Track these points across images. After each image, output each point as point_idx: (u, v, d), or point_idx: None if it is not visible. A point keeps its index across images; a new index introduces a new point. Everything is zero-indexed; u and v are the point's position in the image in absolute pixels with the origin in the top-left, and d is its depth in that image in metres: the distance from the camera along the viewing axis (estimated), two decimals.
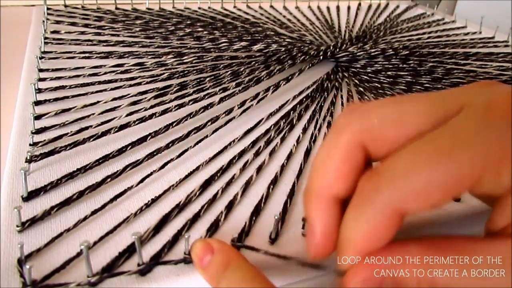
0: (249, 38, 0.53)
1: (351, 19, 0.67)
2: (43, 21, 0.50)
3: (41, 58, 0.43)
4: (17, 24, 0.54)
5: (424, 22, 0.68)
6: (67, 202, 0.26)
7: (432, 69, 0.49)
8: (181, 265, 0.23)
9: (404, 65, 0.49)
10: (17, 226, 0.24)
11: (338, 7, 0.71)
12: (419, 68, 0.49)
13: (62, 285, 0.21)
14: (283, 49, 0.49)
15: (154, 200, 0.27)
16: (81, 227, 0.25)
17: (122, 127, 0.33)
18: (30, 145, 0.30)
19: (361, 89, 0.44)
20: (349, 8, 0.71)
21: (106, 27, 0.52)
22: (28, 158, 0.28)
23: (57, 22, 0.52)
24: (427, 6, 0.77)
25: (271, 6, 0.68)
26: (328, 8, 0.70)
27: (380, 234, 0.18)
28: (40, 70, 0.40)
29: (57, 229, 0.24)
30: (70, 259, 0.22)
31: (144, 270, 0.22)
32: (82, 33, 0.50)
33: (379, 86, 0.45)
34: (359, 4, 0.73)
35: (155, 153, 0.31)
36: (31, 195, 0.26)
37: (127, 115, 0.34)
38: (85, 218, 0.25)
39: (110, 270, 0.22)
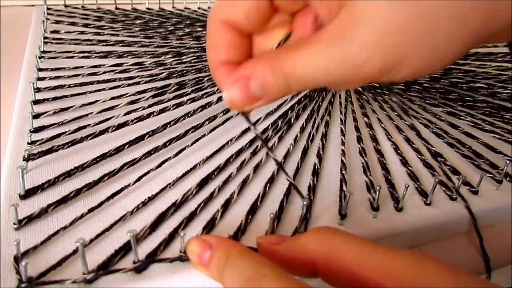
0: None
1: None
2: (43, 21, 0.50)
3: (40, 57, 0.43)
4: (17, 24, 0.55)
5: None
6: (64, 200, 0.26)
7: None
8: (176, 263, 0.23)
9: None
10: (14, 224, 0.24)
11: None
12: None
13: (58, 282, 0.21)
14: None
15: (151, 199, 0.27)
16: (77, 225, 0.25)
17: (120, 126, 0.33)
18: (28, 143, 0.30)
19: (359, 88, 0.45)
20: None
21: (105, 27, 0.52)
22: (26, 156, 0.29)
23: (57, 22, 0.52)
24: None
25: None
26: None
27: (222, 42, 0.21)
28: (40, 70, 0.40)
29: (53, 227, 0.24)
30: (66, 256, 0.22)
31: (140, 268, 0.22)
32: (82, 32, 0.50)
33: (377, 85, 0.45)
34: None
35: (152, 152, 0.31)
36: (29, 193, 0.26)
37: (125, 114, 0.34)
38: (82, 216, 0.25)
39: (106, 267, 0.22)
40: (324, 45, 0.19)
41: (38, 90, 0.37)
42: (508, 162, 0.31)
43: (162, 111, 0.36)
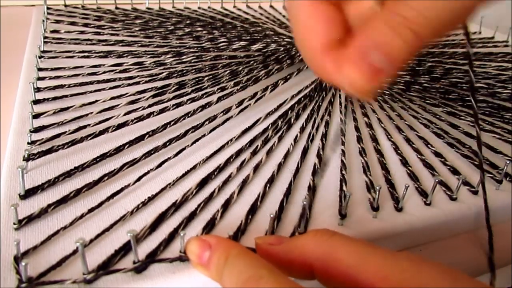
0: (248, 37, 0.53)
1: None
2: (43, 21, 0.50)
3: (40, 57, 0.43)
4: (17, 24, 0.55)
5: None
6: (64, 200, 0.26)
7: (430, 68, 0.49)
8: (176, 263, 0.23)
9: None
10: (14, 224, 0.24)
11: None
12: (418, 68, 0.49)
13: (57, 282, 0.21)
14: (282, 48, 0.49)
15: (151, 199, 0.27)
16: (77, 225, 0.25)
17: (120, 126, 0.33)
18: (28, 143, 0.30)
19: None
20: None
21: (105, 27, 0.52)
22: (26, 156, 0.29)
23: (57, 22, 0.52)
24: None
25: (271, 6, 0.68)
26: None
27: (324, 21, 0.18)
28: (40, 69, 0.40)
29: (53, 226, 0.24)
30: (66, 256, 0.22)
31: (140, 268, 0.22)
32: (82, 32, 0.50)
33: None
34: None
35: (152, 152, 0.31)
36: (29, 193, 0.26)
37: (125, 114, 0.34)
38: (82, 216, 0.25)
39: (106, 267, 0.22)
40: None
41: (38, 90, 0.37)
42: (508, 162, 0.31)
43: (162, 111, 0.36)
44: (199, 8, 0.64)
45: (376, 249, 0.20)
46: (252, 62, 0.46)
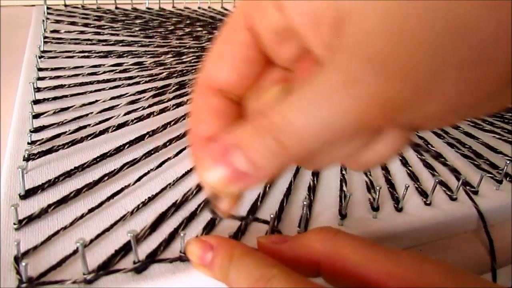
0: None
1: None
2: (43, 21, 0.50)
3: (40, 57, 0.43)
4: (17, 24, 0.55)
5: None
6: (64, 200, 0.26)
7: None
8: (177, 263, 0.23)
9: None
10: (14, 224, 0.24)
11: None
12: None
13: (58, 282, 0.21)
14: None
15: (151, 199, 0.27)
16: (78, 225, 0.25)
17: (120, 126, 0.33)
18: (28, 143, 0.30)
19: None
20: None
21: (105, 27, 0.52)
22: (26, 156, 0.29)
23: (57, 22, 0.52)
24: None
25: None
26: None
27: (208, 112, 0.18)
28: (40, 69, 0.40)
29: (54, 227, 0.24)
30: (66, 256, 0.22)
31: (140, 268, 0.22)
32: (82, 32, 0.50)
33: None
34: None
35: (152, 152, 0.31)
36: (29, 193, 0.26)
37: (125, 114, 0.34)
38: (82, 216, 0.25)
39: (106, 267, 0.22)
40: (324, 81, 0.14)
41: (38, 89, 0.37)
42: (508, 162, 0.31)
43: (162, 111, 0.36)
44: (199, 8, 0.64)
45: (379, 247, 0.20)
46: None
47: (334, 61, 0.14)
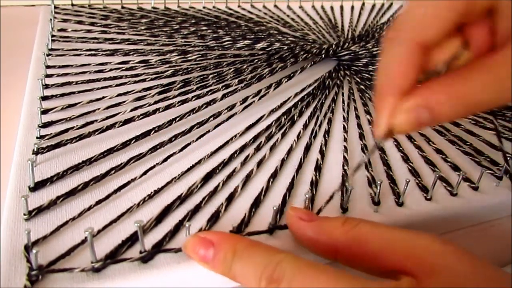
0: (252, 36, 0.53)
1: (355, 19, 0.67)
2: (50, 20, 0.51)
3: (48, 55, 0.43)
4: (20, 24, 0.56)
5: None
6: (72, 193, 0.27)
7: None
8: (182, 253, 0.23)
9: None
10: (24, 215, 0.25)
11: (341, 7, 0.71)
12: None
13: (67, 270, 0.22)
14: (285, 47, 0.50)
15: (157, 192, 0.28)
16: (85, 216, 0.25)
17: (127, 121, 0.34)
18: (37, 138, 0.31)
19: (362, 87, 0.45)
20: (352, 8, 0.72)
21: (112, 26, 0.53)
22: (35, 150, 0.29)
23: (64, 21, 0.53)
24: None
25: (275, 6, 0.69)
26: (332, 8, 0.71)
27: (411, 66, 0.20)
28: (47, 67, 0.41)
29: (62, 218, 0.25)
30: (75, 246, 0.23)
31: (146, 258, 0.23)
32: (89, 31, 0.51)
33: None
34: (363, 4, 0.74)
35: (158, 147, 0.31)
36: (38, 186, 0.27)
37: (132, 110, 0.35)
38: (90, 207, 0.26)
39: (114, 257, 0.23)
40: (502, 69, 0.19)
41: (46, 86, 0.38)
42: (508, 158, 0.32)
43: (167, 107, 0.36)
44: (204, 7, 0.65)
45: (401, 231, 0.21)
46: (256, 60, 0.47)
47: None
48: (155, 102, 0.37)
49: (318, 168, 0.31)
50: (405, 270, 0.20)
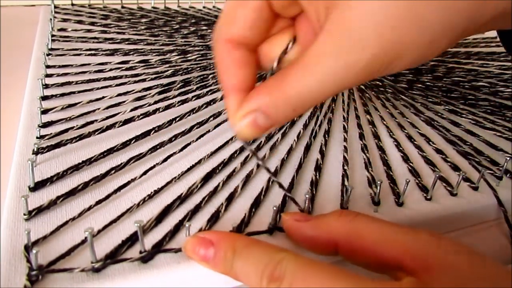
0: None
1: None
2: (50, 19, 0.51)
3: (48, 55, 0.43)
4: (22, 23, 0.56)
5: None
6: (72, 193, 0.27)
7: (433, 67, 0.49)
8: (181, 253, 0.23)
9: None
10: (24, 215, 0.25)
11: None
12: (421, 67, 0.49)
13: (66, 270, 0.22)
14: None
15: (157, 192, 0.28)
16: (85, 216, 0.25)
17: (127, 121, 0.34)
18: (37, 138, 0.31)
19: (362, 87, 0.45)
20: None
21: (112, 25, 0.53)
22: (35, 150, 0.29)
23: (64, 20, 0.53)
24: None
25: None
26: None
27: (232, 65, 0.21)
28: (47, 67, 0.41)
29: (62, 218, 0.25)
30: (75, 246, 0.23)
31: (146, 258, 0.23)
32: (89, 31, 0.51)
33: (380, 84, 0.46)
34: None
35: (158, 147, 0.31)
36: (38, 186, 0.27)
37: (132, 110, 0.35)
38: (90, 207, 0.26)
39: (113, 257, 0.23)
40: (325, 58, 0.18)
41: (46, 86, 0.38)
42: (508, 158, 0.32)
43: (167, 107, 0.36)
44: (204, 7, 0.65)
45: (399, 226, 0.21)
46: None
47: (325, 40, 0.18)
48: (155, 102, 0.37)
49: (318, 168, 0.31)
50: (403, 265, 0.20)
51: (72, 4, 0.59)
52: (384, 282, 0.19)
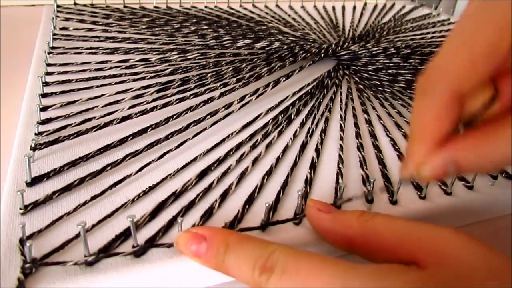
0: (252, 36, 0.54)
1: (356, 19, 0.68)
2: (53, 18, 0.51)
3: (49, 53, 0.44)
4: (22, 23, 0.56)
5: (429, 22, 0.68)
6: (68, 188, 0.27)
7: None
8: (174, 248, 0.24)
9: (405, 64, 0.49)
10: (20, 209, 0.25)
11: (343, 7, 0.71)
12: (420, 67, 0.49)
13: (60, 264, 0.22)
14: (285, 47, 0.50)
15: (152, 188, 0.28)
16: (80, 211, 0.26)
17: (124, 118, 0.34)
18: (35, 134, 0.31)
19: (361, 86, 0.45)
20: (354, 8, 0.72)
21: (113, 24, 0.53)
22: (32, 146, 0.30)
23: (66, 19, 0.54)
24: (433, 8, 0.77)
25: (277, 6, 0.69)
26: (333, 8, 0.71)
27: (445, 117, 0.21)
28: (48, 65, 0.41)
29: (58, 212, 0.25)
30: (68, 240, 0.23)
31: (139, 252, 0.23)
32: (90, 30, 0.51)
33: (379, 83, 0.46)
34: (365, 4, 0.74)
35: (154, 144, 0.32)
36: (35, 181, 0.27)
37: (130, 107, 0.35)
38: (85, 203, 0.26)
39: (107, 251, 0.23)
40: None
41: (46, 84, 0.38)
42: None
43: (165, 105, 0.37)
44: (205, 7, 0.65)
45: (416, 223, 0.22)
46: (255, 59, 0.47)
47: None
48: (153, 100, 0.37)
49: (313, 166, 0.32)
50: (416, 260, 0.20)
51: (75, 4, 0.60)
52: (377, 265, 0.19)
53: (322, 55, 0.49)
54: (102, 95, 0.37)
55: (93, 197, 0.27)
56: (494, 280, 0.18)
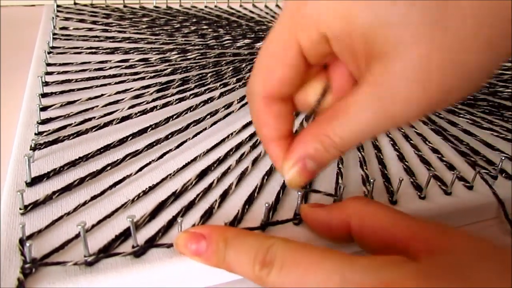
0: (252, 35, 0.54)
1: None
2: (53, 18, 0.51)
3: (49, 53, 0.44)
4: (22, 23, 0.56)
5: None
6: (68, 188, 0.27)
7: None
8: (174, 249, 0.24)
9: None
10: (20, 209, 0.25)
11: None
12: None
13: (60, 264, 0.22)
14: None
15: (152, 188, 0.28)
16: (80, 211, 0.26)
17: (124, 118, 0.34)
18: (35, 134, 0.31)
19: None
20: None
21: (113, 24, 0.53)
22: (32, 146, 0.30)
23: (66, 19, 0.54)
24: None
25: (277, 5, 0.69)
26: None
27: (268, 119, 0.22)
28: (48, 64, 0.41)
29: (58, 212, 0.25)
30: (68, 240, 0.23)
31: (139, 252, 0.23)
32: (90, 29, 0.51)
33: None
34: None
35: (154, 144, 0.32)
36: (35, 181, 0.27)
37: (129, 107, 0.35)
38: (85, 203, 0.26)
39: (106, 251, 0.23)
40: (366, 106, 0.19)
41: (46, 83, 0.38)
42: (503, 158, 0.32)
43: (165, 105, 0.37)
44: (205, 7, 0.65)
45: (405, 214, 0.22)
46: (255, 59, 0.47)
47: (367, 91, 0.19)
48: (153, 100, 0.37)
49: None
50: (408, 247, 0.20)
51: (75, 3, 0.60)
52: (375, 257, 0.19)
53: None
54: (102, 95, 0.37)
55: (93, 197, 0.26)
56: (488, 262, 0.18)
